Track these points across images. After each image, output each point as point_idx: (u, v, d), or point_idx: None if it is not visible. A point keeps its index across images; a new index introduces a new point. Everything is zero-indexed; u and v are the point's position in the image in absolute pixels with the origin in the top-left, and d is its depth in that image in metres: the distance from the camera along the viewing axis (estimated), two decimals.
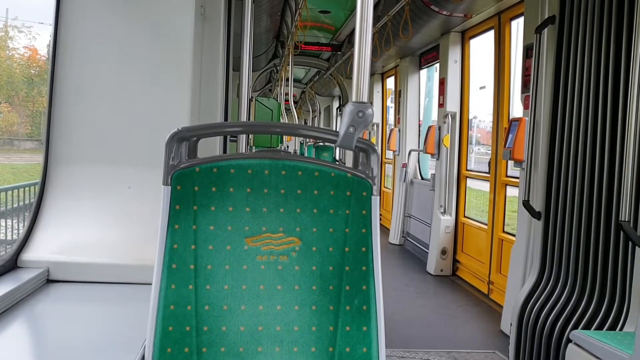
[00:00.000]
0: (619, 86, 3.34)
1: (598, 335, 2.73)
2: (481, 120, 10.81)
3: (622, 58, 3.32)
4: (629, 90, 3.05)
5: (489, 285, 5.97)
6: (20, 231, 7.69)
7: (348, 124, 1.38)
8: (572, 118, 3.72)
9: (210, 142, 3.01)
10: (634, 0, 3.11)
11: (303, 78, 16.74)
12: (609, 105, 3.40)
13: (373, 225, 1.42)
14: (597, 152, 3.47)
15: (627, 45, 3.29)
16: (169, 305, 1.34)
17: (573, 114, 3.71)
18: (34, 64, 21.03)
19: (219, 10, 3.06)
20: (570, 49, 3.78)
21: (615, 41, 3.38)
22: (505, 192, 5.90)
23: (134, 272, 2.26)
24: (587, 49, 3.59)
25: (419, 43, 7.71)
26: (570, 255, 3.67)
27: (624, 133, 3.10)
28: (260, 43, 8.55)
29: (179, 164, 1.36)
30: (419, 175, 8.71)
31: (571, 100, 3.74)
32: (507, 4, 5.63)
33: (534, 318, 3.82)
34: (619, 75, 3.34)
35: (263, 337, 1.37)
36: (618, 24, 3.37)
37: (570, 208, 3.70)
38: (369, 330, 1.40)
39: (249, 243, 1.38)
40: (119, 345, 1.74)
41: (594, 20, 3.54)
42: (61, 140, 2.50)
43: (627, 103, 3.12)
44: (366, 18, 1.38)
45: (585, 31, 3.63)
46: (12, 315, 1.89)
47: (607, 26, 3.44)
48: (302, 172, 1.40)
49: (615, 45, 3.38)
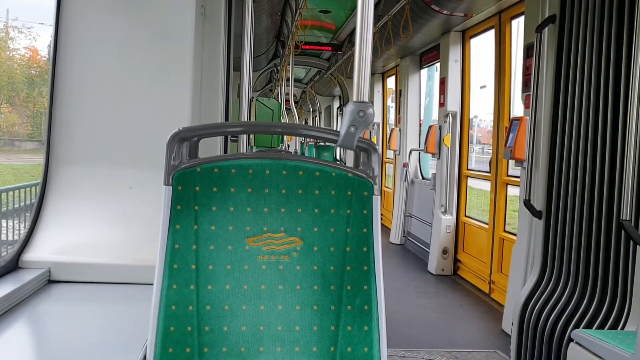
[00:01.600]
0: (620, 85, 3.33)
1: (599, 334, 2.73)
2: (482, 120, 10.82)
3: (623, 57, 3.31)
4: (630, 89, 3.05)
5: (490, 284, 5.97)
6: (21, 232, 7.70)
7: (349, 124, 1.37)
8: (572, 117, 3.72)
9: (211, 142, 3.02)
10: (634, 0, 3.11)
11: (304, 78, 16.74)
12: (609, 104, 3.39)
13: (374, 224, 1.42)
14: (598, 151, 3.47)
15: (627, 44, 3.29)
16: (170, 306, 1.34)
17: (574, 113, 3.70)
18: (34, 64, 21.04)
19: (220, 10, 3.06)
20: (570, 48, 3.78)
21: (616, 40, 3.37)
22: (506, 192, 5.89)
23: (135, 272, 2.26)
24: (588, 48, 3.59)
25: (419, 42, 7.71)
26: (572, 254, 3.66)
27: (625, 132, 3.10)
28: (260, 43, 8.55)
29: (180, 164, 1.36)
30: (419, 174, 8.71)
31: (572, 99, 3.74)
32: (507, 3, 5.63)
33: (535, 317, 3.82)
34: (620, 74, 3.34)
35: (264, 337, 1.37)
36: (619, 23, 3.36)
37: (572, 207, 3.70)
38: (370, 330, 1.40)
39: (250, 243, 1.38)
40: (121, 345, 1.74)
41: (595, 19, 3.54)
42: (62, 141, 2.50)
43: (628, 102, 3.12)
44: (367, 18, 1.38)
45: (585, 30, 3.62)
46: (13, 315, 1.89)
47: (607, 25, 3.44)
48: (303, 172, 1.40)
49: (615, 44, 3.38)
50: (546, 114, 4.07)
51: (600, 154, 3.45)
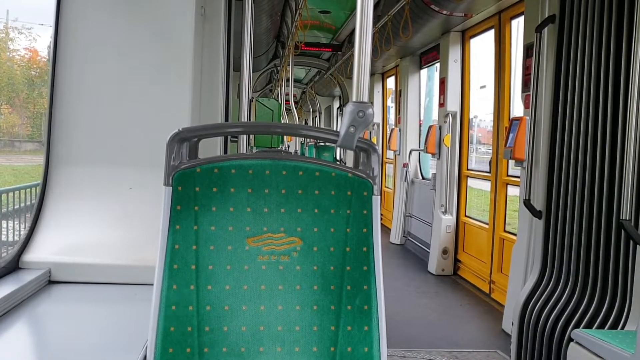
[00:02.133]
0: (620, 85, 3.34)
1: (599, 334, 2.73)
2: (482, 120, 10.82)
3: (623, 56, 3.32)
4: (630, 88, 3.05)
5: (490, 284, 5.97)
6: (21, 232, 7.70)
7: (349, 124, 1.38)
8: (572, 117, 3.72)
9: (211, 142, 3.02)
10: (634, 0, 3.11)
11: (303, 78, 16.74)
12: (609, 104, 3.40)
13: (374, 225, 1.42)
14: (597, 151, 3.47)
15: (627, 44, 3.29)
16: (170, 306, 1.34)
17: (574, 113, 3.71)
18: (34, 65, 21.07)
19: (219, 10, 3.06)
20: (570, 48, 3.78)
21: (616, 40, 3.38)
22: (506, 192, 5.90)
23: (136, 272, 2.27)
24: (588, 48, 3.59)
25: (419, 43, 7.71)
26: (572, 254, 3.67)
27: (625, 131, 3.10)
28: (260, 43, 8.55)
29: (180, 165, 1.36)
30: (419, 174, 8.71)
31: (572, 99, 3.74)
32: (507, 3, 5.63)
33: (535, 317, 3.82)
34: (619, 73, 3.34)
35: (264, 337, 1.38)
36: (618, 23, 3.37)
37: (571, 207, 3.70)
38: (370, 330, 1.40)
39: (250, 243, 1.38)
40: (121, 345, 1.74)
41: (594, 19, 3.54)
42: (62, 142, 2.50)
43: (627, 102, 3.12)
44: (366, 18, 1.38)
45: (585, 30, 3.63)
46: (13, 316, 1.89)
47: (607, 25, 3.44)
48: (303, 172, 1.40)
49: (615, 44, 3.38)
50: (546, 113, 4.07)
51: (600, 154, 3.45)
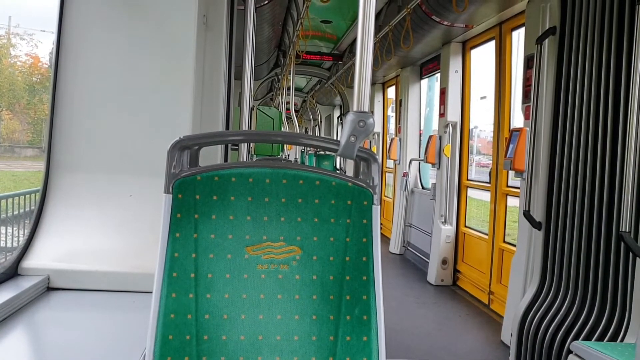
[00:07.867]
0: (620, 97, 3.35)
1: (598, 346, 2.73)
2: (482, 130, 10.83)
3: (623, 69, 3.33)
4: (630, 100, 3.06)
5: (490, 295, 5.95)
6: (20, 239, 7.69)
7: (349, 133, 1.38)
8: (572, 128, 3.73)
9: (211, 150, 3.02)
10: (634, 11, 3.12)
11: (304, 87, 16.78)
12: (609, 116, 3.40)
13: (374, 234, 1.42)
14: (597, 163, 3.48)
15: (627, 56, 3.31)
16: (169, 314, 1.34)
17: (574, 125, 3.71)
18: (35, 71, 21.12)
19: (221, 19, 3.07)
20: (570, 60, 3.80)
21: (616, 52, 3.39)
22: (505, 202, 5.89)
23: (135, 280, 2.26)
24: (588, 60, 3.61)
25: (419, 53, 7.73)
26: (571, 265, 3.66)
27: (625, 143, 3.11)
28: (261, 52, 8.58)
29: (181, 173, 1.36)
30: (419, 184, 8.71)
31: (572, 111, 3.75)
32: (508, 15, 5.66)
33: (534, 328, 3.81)
34: (620, 85, 3.36)
35: (263, 347, 1.37)
36: (618, 35, 3.38)
37: (571, 218, 3.70)
38: (369, 340, 1.40)
39: (250, 252, 1.38)
40: (119, 353, 1.74)
41: (595, 31, 3.55)
42: (63, 148, 2.50)
43: (627, 113, 3.13)
44: (368, 28, 1.39)
45: (585, 42, 3.64)
46: (12, 323, 1.89)
47: (607, 37, 3.45)
48: (303, 181, 1.40)
49: (615, 56, 3.39)
50: (546, 125, 4.08)
51: (600, 166, 3.46)
